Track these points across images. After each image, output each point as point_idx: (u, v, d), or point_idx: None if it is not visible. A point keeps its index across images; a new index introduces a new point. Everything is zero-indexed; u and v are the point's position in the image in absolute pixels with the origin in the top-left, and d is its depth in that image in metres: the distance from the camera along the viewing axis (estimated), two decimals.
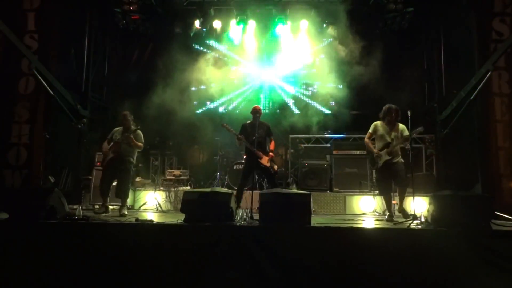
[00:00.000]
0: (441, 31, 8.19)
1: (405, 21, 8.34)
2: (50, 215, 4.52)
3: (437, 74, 8.37)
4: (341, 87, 9.46)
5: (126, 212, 5.80)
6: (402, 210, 5.45)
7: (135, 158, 6.06)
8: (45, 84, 6.50)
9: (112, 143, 5.86)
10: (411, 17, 8.25)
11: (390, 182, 5.55)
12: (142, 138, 5.99)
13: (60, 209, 4.73)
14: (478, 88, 6.42)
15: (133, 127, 5.90)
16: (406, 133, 5.37)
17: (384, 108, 5.57)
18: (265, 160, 5.88)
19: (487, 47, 6.65)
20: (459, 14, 7.45)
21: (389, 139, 5.41)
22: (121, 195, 5.82)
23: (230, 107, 9.84)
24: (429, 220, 4.51)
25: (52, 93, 6.60)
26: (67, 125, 7.32)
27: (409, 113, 5.12)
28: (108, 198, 5.88)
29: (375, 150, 5.52)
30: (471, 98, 6.58)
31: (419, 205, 5.11)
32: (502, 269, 3.84)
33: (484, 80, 6.29)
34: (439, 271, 3.89)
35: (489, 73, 6.24)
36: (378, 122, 5.61)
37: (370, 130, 5.61)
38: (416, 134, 5.33)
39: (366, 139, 5.64)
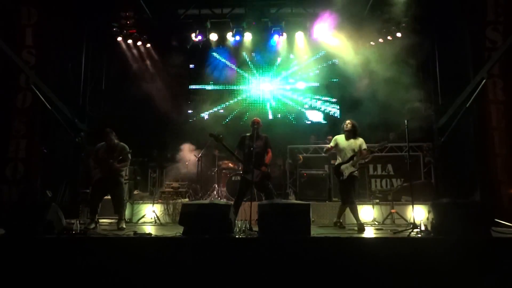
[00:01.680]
0: (435, 40, 8.28)
1: (400, 31, 8.44)
2: (48, 230, 4.48)
3: (433, 83, 8.44)
4: (336, 95, 9.55)
5: (124, 226, 5.77)
6: (338, 222, 5.88)
7: (124, 172, 6.11)
8: (43, 99, 6.51)
9: (101, 161, 5.85)
10: (406, 27, 8.34)
11: (350, 193, 5.70)
12: (129, 155, 5.99)
13: (58, 224, 4.69)
14: (474, 96, 6.47)
15: (117, 142, 5.94)
16: (364, 146, 5.64)
17: (344, 123, 5.84)
18: (255, 174, 5.54)
19: (481, 55, 6.72)
20: (452, 24, 7.55)
21: (352, 152, 5.61)
22: (119, 209, 5.86)
23: (227, 119, 9.87)
24: (429, 228, 4.50)
25: (50, 107, 6.61)
26: (64, 139, 7.31)
27: (406, 122, 5.15)
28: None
29: (341, 162, 5.69)
30: (467, 106, 6.63)
31: (418, 214, 5.09)
32: (503, 277, 3.82)
33: (479, 88, 6.35)
34: (440, 279, 3.86)
35: (484, 81, 6.30)
36: (338, 136, 5.83)
37: (332, 144, 5.80)
38: (380, 147, 5.83)
39: (327, 151, 5.88)
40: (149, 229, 5.41)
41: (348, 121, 5.80)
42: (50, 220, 4.58)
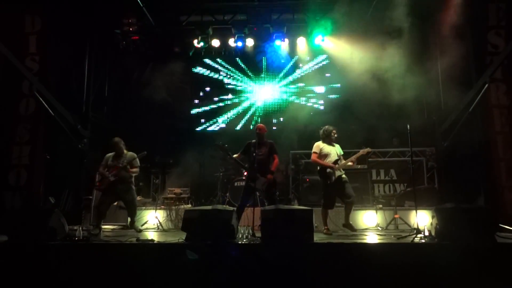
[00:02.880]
0: (437, 44, 8.29)
1: (402, 35, 8.45)
2: (50, 236, 4.48)
3: (435, 88, 8.43)
4: (338, 100, 9.56)
5: (141, 227, 6.18)
6: (349, 225, 5.87)
7: (133, 178, 6.21)
8: (46, 105, 6.55)
9: (110, 168, 5.92)
10: (408, 32, 8.35)
11: (335, 197, 5.93)
12: (138, 161, 6.11)
13: (60, 230, 4.70)
14: (476, 101, 6.46)
15: (126, 152, 6.06)
16: (341, 151, 6.01)
17: (324, 129, 6.05)
18: (261, 182, 5.62)
19: (483, 59, 6.72)
20: (455, 28, 7.55)
21: (336, 156, 5.86)
22: (133, 213, 6.09)
23: (230, 125, 9.88)
24: (433, 233, 4.47)
25: (53, 114, 6.65)
26: (67, 145, 7.35)
27: (408, 126, 5.14)
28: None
29: (330, 164, 5.81)
30: (469, 111, 6.62)
31: (422, 219, 5.06)
32: (507, 282, 3.78)
33: (482, 92, 6.34)
34: (444, 285, 3.83)
35: (486, 86, 6.29)
36: (319, 142, 6.02)
37: (316, 150, 5.96)
38: (364, 153, 5.97)
39: (315, 158, 5.94)
40: (152, 235, 5.39)
41: (332, 128, 6.07)
42: (53, 226, 4.59)
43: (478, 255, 3.93)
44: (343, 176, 5.87)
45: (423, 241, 4.47)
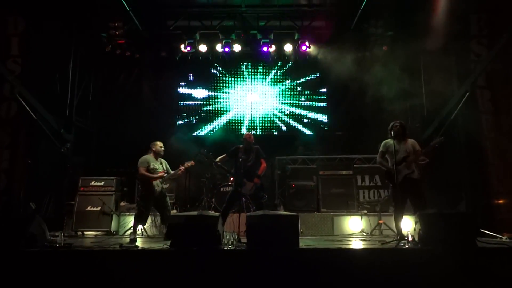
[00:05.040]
0: (420, 52, 8.47)
1: (386, 44, 8.62)
2: (30, 243, 4.37)
3: (419, 95, 8.60)
4: (324, 108, 9.68)
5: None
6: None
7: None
8: (28, 108, 6.42)
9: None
10: (392, 40, 8.52)
11: (406, 199, 5.20)
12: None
13: (41, 237, 4.59)
14: (458, 108, 6.62)
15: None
16: (418, 147, 5.23)
17: (390, 125, 5.38)
18: (248, 187, 5.66)
19: (467, 67, 6.88)
20: (438, 37, 7.73)
21: (404, 154, 5.16)
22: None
23: (216, 129, 9.86)
24: (416, 239, 4.54)
25: (35, 117, 6.52)
26: (50, 150, 7.20)
27: (392, 133, 5.21)
28: None
29: (390, 166, 5.18)
30: (451, 118, 6.77)
31: (405, 224, 5.13)
32: (487, 286, 3.85)
33: (463, 100, 6.50)
34: None
35: (467, 94, 6.46)
36: (387, 140, 5.35)
37: (382, 149, 5.36)
38: (438, 144, 5.08)
39: (378, 159, 5.40)
40: (136, 242, 5.31)
41: (392, 123, 5.36)
42: (33, 233, 4.48)
43: (459, 260, 4.00)
44: (414, 176, 5.11)
45: (406, 246, 4.53)
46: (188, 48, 8.87)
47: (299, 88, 9.95)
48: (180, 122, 9.89)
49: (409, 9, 7.57)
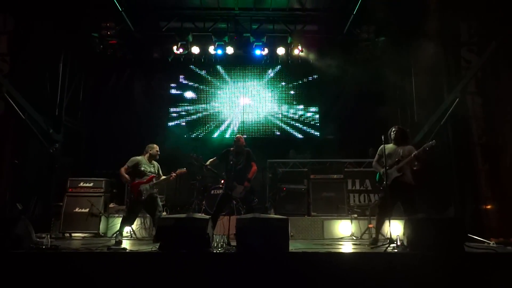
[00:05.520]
0: (411, 58, 8.56)
1: (378, 49, 8.70)
2: (16, 245, 4.28)
3: (409, 100, 8.69)
4: (315, 111, 9.73)
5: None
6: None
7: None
8: (16, 108, 6.32)
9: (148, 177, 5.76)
10: (383, 46, 8.60)
11: (393, 204, 5.22)
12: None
13: (27, 238, 4.50)
14: (447, 114, 6.69)
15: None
16: (415, 152, 5.20)
17: (389, 131, 5.46)
18: (239, 190, 5.62)
19: (457, 74, 6.96)
20: (428, 43, 7.83)
21: (398, 157, 5.21)
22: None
23: (207, 132, 9.84)
24: (405, 243, 4.55)
25: (23, 117, 6.42)
26: (38, 150, 7.09)
27: (383, 138, 5.24)
28: None
29: (382, 169, 5.22)
30: (441, 124, 6.84)
31: (395, 229, 5.15)
32: None
33: (453, 106, 6.58)
34: None
35: (457, 100, 6.54)
36: (384, 145, 5.33)
37: (378, 153, 5.42)
38: (429, 147, 5.09)
39: (374, 162, 5.48)
40: (124, 244, 5.26)
41: (391, 128, 5.44)
42: (19, 234, 4.38)
43: (447, 265, 4.03)
44: (405, 180, 5.14)
45: (395, 250, 4.55)
46: (181, 50, 8.85)
47: (291, 92, 9.99)
48: (171, 124, 9.84)
49: (401, 16, 7.65)
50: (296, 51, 8.91)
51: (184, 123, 9.86)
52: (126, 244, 5.35)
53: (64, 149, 7.90)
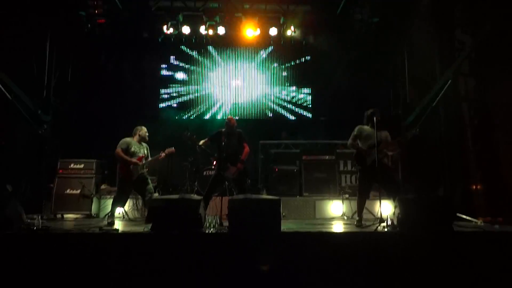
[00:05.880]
0: (404, 39, 8.50)
1: (371, 30, 8.61)
2: (6, 226, 4.25)
3: (401, 82, 8.68)
4: (308, 93, 9.70)
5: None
6: None
7: None
8: (2, 88, 6.17)
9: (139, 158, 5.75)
10: (377, 27, 8.52)
11: (371, 185, 5.46)
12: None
13: (17, 220, 4.47)
14: (439, 96, 6.70)
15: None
16: (390, 139, 5.40)
17: (367, 112, 5.51)
18: (231, 171, 5.58)
19: (451, 55, 6.93)
20: (421, 24, 7.77)
21: (377, 140, 5.23)
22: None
23: (199, 113, 9.76)
24: (395, 222, 4.62)
25: (10, 98, 6.28)
26: (26, 131, 6.97)
27: (375, 119, 5.25)
28: None
29: (364, 148, 5.32)
30: (433, 105, 6.86)
31: (385, 209, 5.22)
32: (464, 269, 3.98)
33: (445, 88, 6.58)
34: (404, 271, 3.98)
35: (449, 82, 6.53)
36: (361, 126, 5.52)
37: (355, 133, 5.48)
38: (412, 136, 5.35)
39: (351, 141, 5.48)
40: (117, 225, 5.26)
41: (372, 110, 5.46)
42: (9, 216, 4.35)
43: (436, 243, 4.11)
44: (384, 161, 5.29)
45: (385, 230, 4.62)
46: (171, 30, 8.67)
47: (284, 73, 9.90)
48: (162, 105, 9.73)
49: None
50: (288, 32, 8.79)
51: (176, 105, 9.76)
52: (118, 225, 5.35)
53: (53, 131, 7.78)
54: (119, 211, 6.43)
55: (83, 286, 3.86)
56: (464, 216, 5.62)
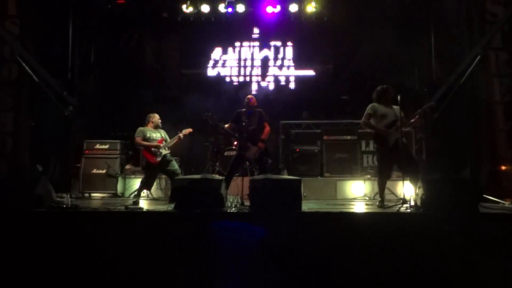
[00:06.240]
0: (430, 13, 8.12)
1: (395, 5, 8.27)
2: (37, 204, 4.45)
3: (428, 60, 8.34)
4: (331, 71, 9.50)
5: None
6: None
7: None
8: (29, 71, 6.32)
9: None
10: (402, 4, 8.17)
11: (392, 165, 5.27)
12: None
13: (48, 198, 4.67)
14: (468, 72, 6.41)
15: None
16: (402, 114, 5.12)
17: (379, 89, 5.30)
18: (252, 151, 5.54)
19: (481, 29, 6.56)
20: None
21: (394, 117, 5.04)
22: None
23: (220, 96, 9.72)
24: (418, 203, 4.55)
25: (37, 80, 6.44)
26: (54, 113, 7.17)
27: (399, 98, 5.09)
28: None
29: (383, 128, 5.08)
30: (460, 83, 6.58)
31: (408, 189, 5.14)
32: (489, 251, 3.90)
33: (474, 63, 6.28)
34: (428, 253, 3.94)
35: (479, 57, 6.22)
36: (375, 104, 5.26)
37: (369, 111, 5.19)
38: (429, 109, 5.23)
39: (365, 120, 5.21)
40: (141, 204, 5.41)
41: (384, 87, 5.26)
42: (40, 194, 4.55)
43: (461, 225, 4.03)
44: (404, 141, 5.09)
45: (408, 210, 4.56)
46: (190, 9, 8.59)
47: (305, 51, 9.67)
48: (185, 86, 9.73)
49: None
50: (309, 8, 8.56)
51: (197, 86, 9.72)
52: (143, 204, 5.50)
53: (78, 112, 7.96)
54: (144, 191, 6.62)
55: (109, 261, 4.02)
56: (490, 198, 5.47)
